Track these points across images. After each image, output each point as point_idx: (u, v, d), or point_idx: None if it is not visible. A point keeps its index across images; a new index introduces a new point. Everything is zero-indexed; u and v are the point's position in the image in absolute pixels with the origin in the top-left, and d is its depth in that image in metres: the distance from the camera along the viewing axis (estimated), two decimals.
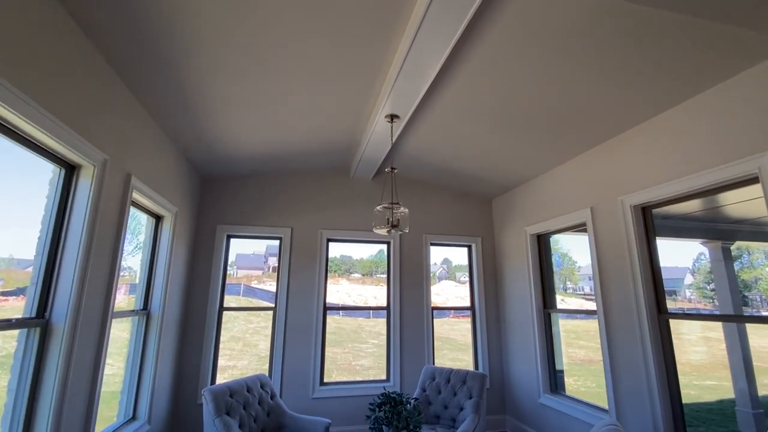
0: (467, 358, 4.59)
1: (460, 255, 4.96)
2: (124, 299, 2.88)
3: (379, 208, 2.82)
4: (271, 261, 4.55)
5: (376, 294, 4.66)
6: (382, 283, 4.59)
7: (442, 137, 3.44)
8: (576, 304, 3.86)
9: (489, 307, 4.59)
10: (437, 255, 4.88)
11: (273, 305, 4.09)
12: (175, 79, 2.39)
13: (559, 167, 3.72)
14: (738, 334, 2.38)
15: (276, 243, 4.31)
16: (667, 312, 2.68)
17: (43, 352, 1.89)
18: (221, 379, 3.88)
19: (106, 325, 2.30)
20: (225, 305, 4.03)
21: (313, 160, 4.12)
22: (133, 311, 2.93)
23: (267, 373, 3.87)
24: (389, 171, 3.11)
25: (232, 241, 4.22)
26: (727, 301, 2.45)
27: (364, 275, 4.80)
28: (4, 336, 1.77)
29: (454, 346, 4.78)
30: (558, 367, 3.78)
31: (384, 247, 4.63)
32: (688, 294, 2.78)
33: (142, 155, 2.68)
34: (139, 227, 3.09)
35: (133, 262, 3.02)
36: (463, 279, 4.93)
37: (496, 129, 3.15)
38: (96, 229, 2.13)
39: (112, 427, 2.65)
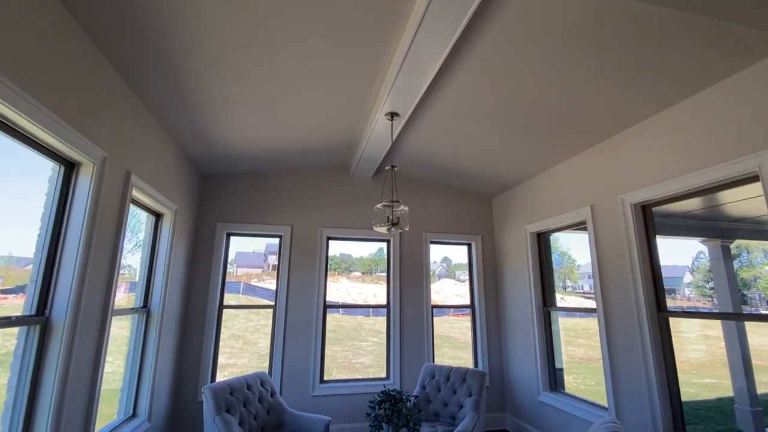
0: (467, 356, 4.60)
1: (460, 253, 4.96)
2: (124, 297, 2.88)
3: (379, 206, 2.82)
4: (271, 259, 4.55)
5: (375, 292, 4.66)
6: (382, 281, 4.59)
7: (443, 135, 3.43)
8: (575, 302, 3.86)
9: (489, 306, 4.60)
10: (437, 253, 4.89)
11: (273, 303, 4.09)
12: (175, 78, 2.38)
13: (559, 165, 3.72)
14: (737, 333, 2.39)
15: (276, 241, 4.31)
16: (666, 310, 2.69)
17: (43, 349, 1.89)
18: (221, 376, 3.89)
19: (106, 323, 2.30)
20: (225, 303, 4.03)
21: (313, 158, 4.11)
22: (133, 309, 2.93)
23: (267, 371, 3.87)
24: (389, 169, 3.11)
25: (232, 239, 4.22)
26: (727, 300, 2.45)
27: (364, 273, 4.80)
28: (4, 334, 1.77)
29: (453, 344, 4.79)
30: (557, 365, 3.79)
31: (384, 245, 4.62)
32: (687, 292, 2.78)
33: (142, 153, 2.68)
34: (138, 225, 3.08)
35: (132, 260, 3.02)
36: (463, 277, 4.94)
37: (497, 127, 3.14)
38: (96, 226, 2.13)
39: (113, 424, 2.65)
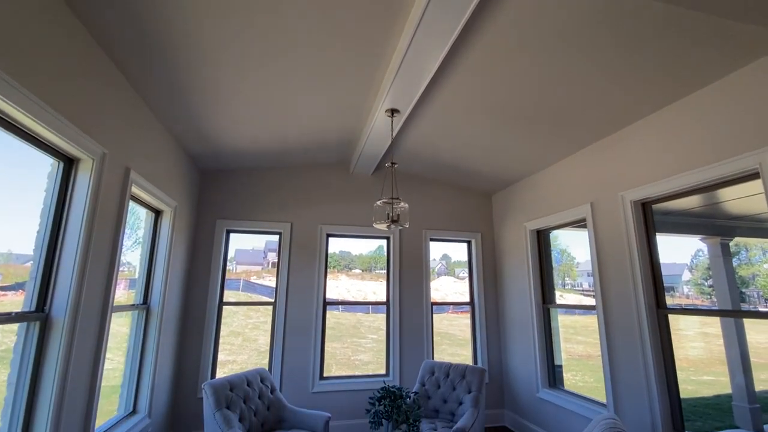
0: (466, 353, 4.61)
1: (459, 251, 4.96)
2: (123, 294, 2.88)
3: (379, 203, 2.82)
4: (271, 256, 4.55)
5: (375, 289, 4.66)
6: (382, 278, 4.59)
7: (443, 133, 3.43)
8: (574, 300, 3.87)
9: (488, 303, 4.61)
10: (436, 251, 4.89)
11: (273, 300, 4.10)
12: (175, 74, 2.37)
13: (560, 163, 3.72)
14: (736, 330, 2.39)
15: (275, 238, 4.30)
16: (666, 307, 2.69)
17: (42, 345, 1.88)
18: (221, 373, 3.89)
19: (105, 319, 2.30)
20: (224, 300, 4.03)
21: (313, 155, 4.11)
22: (132, 305, 2.93)
23: (267, 368, 3.88)
24: (389, 166, 3.10)
25: (232, 236, 4.21)
26: (726, 297, 2.45)
27: (364, 271, 4.81)
28: (4, 330, 1.77)
29: (453, 341, 4.80)
30: (557, 362, 3.80)
31: (383, 242, 4.62)
32: (686, 290, 2.79)
33: (142, 149, 2.67)
34: (138, 222, 3.08)
35: (132, 257, 3.02)
36: (462, 275, 4.94)
37: (497, 124, 3.14)
38: (95, 223, 2.12)
39: (113, 420, 2.66)
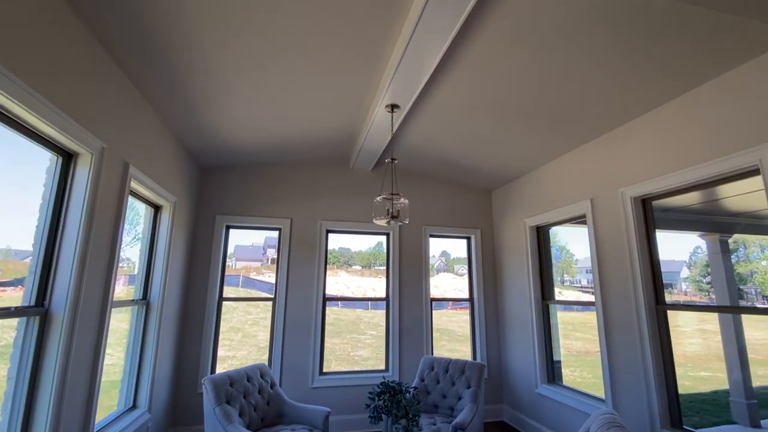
0: (465, 349, 4.63)
1: (459, 248, 4.97)
2: (123, 290, 2.88)
3: (379, 198, 2.81)
4: (270, 253, 4.55)
5: (374, 286, 4.67)
6: (381, 275, 4.60)
7: (443, 128, 3.42)
8: (573, 296, 3.88)
9: (488, 299, 4.62)
10: (436, 247, 4.89)
11: (272, 296, 4.10)
12: (174, 70, 2.36)
13: (560, 159, 3.71)
14: (733, 326, 2.40)
15: (274, 234, 4.30)
16: (665, 303, 2.70)
17: (42, 340, 1.88)
18: (221, 369, 3.90)
19: (105, 314, 2.30)
20: (224, 296, 4.03)
21: (313, 151, 4.10)
22: (132, 301, 2.93)
23: (266, 363, 3.89)
24: (389, 162, 3.09)
25: (231, 232, 4.21)
26: (724, 293, 2.46)
27: (363, 267, 4.81)
28: (3, 326, 1.77)
29: (452, 337, 4.81)
30: (555, 358, 3.82)
31: (382, 239, 4.62)
32: (684, 287, 2.80)
33: (141, 144, 2.66)
34: (137, 218, 3.07)
35: (131, 253, 3.01)
36: (462, 271, 4.95)
37: (497, 120, 3.13)
38: (94, 217, 2.12)
39: (113, 415, 2.66)
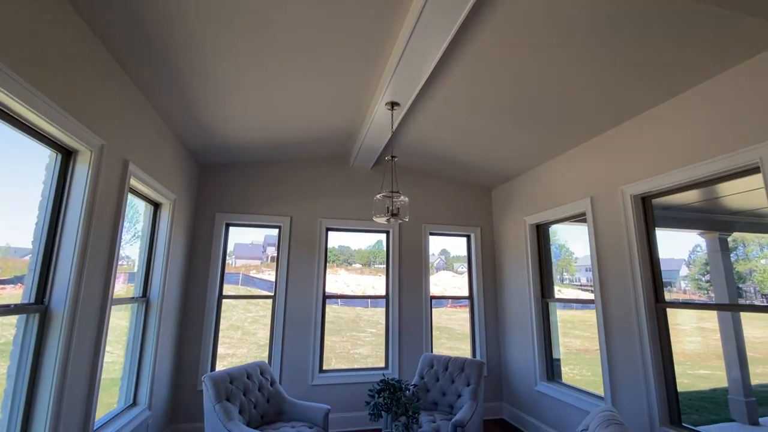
0: (464, 347, 4.64)
1: (458, 246, 4.97)
2: (122, 288, 2.88)
3: (379, 196, 2.81)
4: (270, 251, 4.54)
5: (374, 284, 4.67)
6: (381, 273, 4.60)
7: (443, 126, 3.41)
8: (572, 294, 3.88)
9: (487, 297, 4.62)
10: (435, 245, 4.89)
11: (272, 294, 4.10)
12: (174, 67, 2.35)
13: (560, 157, 3.71)
14: (732, 325, 2.41)
15: (274, 233, 4.30)
16: (664, 301, 2.71)
17: (42, 337, 1.88)
18: (220, 366, 3.90)
19: (105, 311, 2.30)
20: (224, 293, 4.03)
21: (313, 149, 4.09)
22: (132, 298, 2.93)
23: (266, 361, 3.89)
24: (389, 159, 3.09)
25: (231, 230, 4.21)
26: (723, 292, 2.46)
27: (363, 265, 4.81)
28: (3, 324, 1.76)
29: (451, 335, 4.82)
30: (555, 356, 3.83)
31: (382, 237, 4.62)
32: (683, 285, 2.80)
33: (140, 142, 2.65)
34: (136, 216, 3.07)
35: (131, 251, 3.01)
36: (461, 269, 4.95)
37: (497, 118, 3.13)
38: (94, 215, 2.11)
39: (113, 412, 2.67)
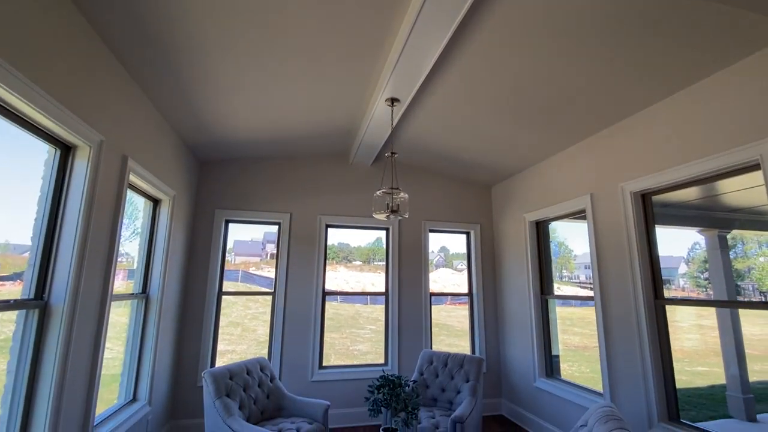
0: (464, 344, 4.65)
1: (458, 243, 4.97)
2: (122, 284, 2.87)
3: (378, 193, 2.81)
4: (269, 248, 4.54)
5: (374, 281, 4.67)
6: (380, 270, 4.60)
7: (443, 123, 3.40)
8: (571, 292, 3.89)
9: (487, 294, 4.63)
10: (435, 243, 4.89)
11: (272, 290, 4.10)
12: (173, 63, 2.34)
13: (560, 154, 3.71)
14: (731, 322, 2.41)
15: (273, 230, 4.30)
16: (663, 298, 2.71)
17: (42, 333, 1.88)
18: (220, 363, 3.91)
19: (105, 307, 2.30)
20: (224, 290, 4.03)
21: (313, 145, 4.08)
22: (132, 294, 2.93)
23: (266, 357, 3.89)
24: (389, 156, 3.08)
25: (230, 227, 4.20)
26: (722, 289, 2.47)
27: (363, 263, 4.81)
28: (3, 320, 1.76)
29: (450, 332, 4.83)
30: (554, 353, 3.84)
31: (382, 234, 4.62)
32: (682, 283, 2.81)
33: (139, 137, 2.64)
34: (135, 212, 3.06)
35: (130, 248, 3.01)
36: (461, 267, 4.95)
37: (498, 115, 3.12)
38: (93, 210, 2.11)
39: (114, 408, 2.67)
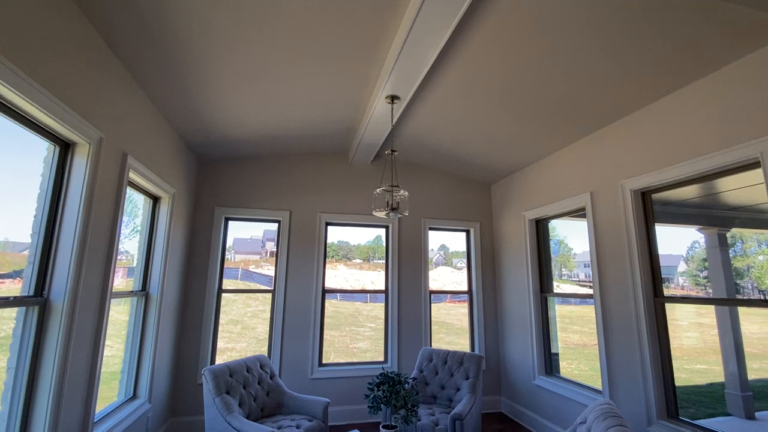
0: (463, 341, 4.65)
1: (457, 241, 4.98)
2: (122, 282, 2.87)
3: (378, 190, 2.80)
4: (269, 246, 4.54)
5: (373, 279, 4.68)
6: (380, 268, 4.60)
7: (443, 121, 3.40)
8: (571, 290, 3.89)
9: (486, 291, 4.64)
10: (434, 241, 4.90)
11: (272, 288, 4.11)
12: (173, 60, 2.33)
13: (560, 152, 3.71)
14: (730, 320, 2.41)
15: (273, 228, 4.30)
16: (662, 296, 2.71)
17: (42, 330, 1.88)
18: (220, 360, 3.91)
19: (105, 304, 2.30)
20: (223, 288, 4.04)
21: (312, 143, 4.08)
22: (131, 292, 2.93)
23: (266, 355, 3.90)
24: (389, 153, 3.08)
25: (230, 225, 4.20)
26: (722, 287, 2.47)
27: (363, 261, 4.81)
28: (2, 317, 1.76)
29: (450, 330, 4.83)
30: (553, 351, 3.85)
31: (381, 232, 4.62)
32: (681, 281, 2.81)
33: (139, 135, 2.64)
34: (135, 210, 3.06)
35: (130, 246, 3.01)
36: (460, 265, 4.96)
37: (497, 113, 3.11)
38: (93, 207, 2.11)
39: (114, 405, 2.68)
